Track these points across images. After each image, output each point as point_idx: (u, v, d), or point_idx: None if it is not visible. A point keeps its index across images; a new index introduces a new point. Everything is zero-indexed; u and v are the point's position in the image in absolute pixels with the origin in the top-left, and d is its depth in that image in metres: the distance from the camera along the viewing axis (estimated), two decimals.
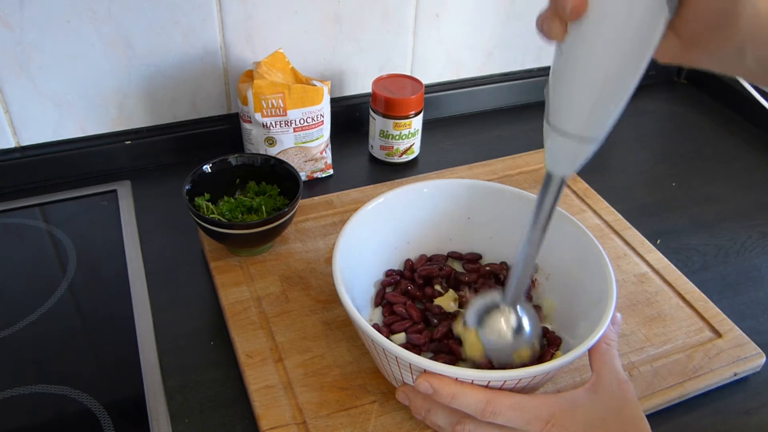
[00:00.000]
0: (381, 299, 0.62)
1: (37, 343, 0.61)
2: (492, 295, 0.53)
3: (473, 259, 0.66)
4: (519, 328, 0.51)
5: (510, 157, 0.87)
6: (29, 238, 0.72)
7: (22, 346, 0.61)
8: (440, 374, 0.47)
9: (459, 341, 0.55)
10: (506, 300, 0.51)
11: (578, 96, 0.38)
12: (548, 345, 0.58)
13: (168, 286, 0.67)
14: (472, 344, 0.52)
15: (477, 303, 0.53)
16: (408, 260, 0.65)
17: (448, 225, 0.66)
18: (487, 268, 0.64)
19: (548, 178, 0.44)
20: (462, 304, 0.61)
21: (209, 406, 0.57)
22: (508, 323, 0.51)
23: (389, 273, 0.64)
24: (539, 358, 0.56)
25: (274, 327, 0.62)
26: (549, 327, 0.60)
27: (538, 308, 0.61)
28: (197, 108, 0.84)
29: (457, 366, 0.47)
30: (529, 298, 0.61)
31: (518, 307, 0.51)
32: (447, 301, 0.61)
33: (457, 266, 0.67)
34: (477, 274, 0.64)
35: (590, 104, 0.38)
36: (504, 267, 0.64)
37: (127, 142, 0.82)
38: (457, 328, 0.54)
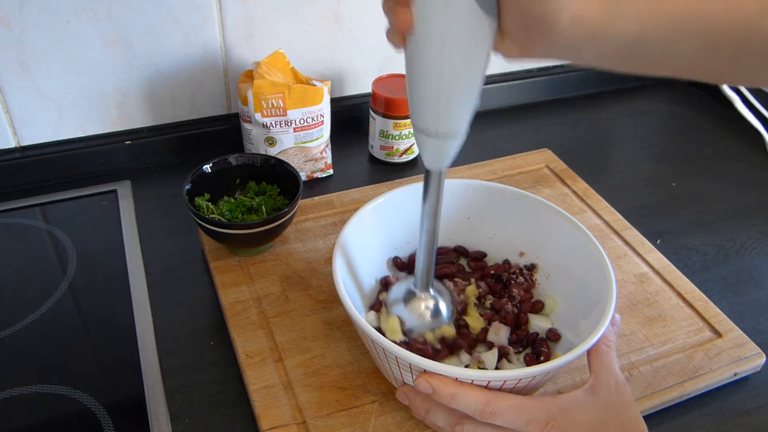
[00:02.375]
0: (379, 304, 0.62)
1: (37, 343, 0.61)
2: (406, 284, 0.57)
3: (478, 257, 0.66)
4: (436, 310, 0.56)
5: (510, 157, 0.87)
6: (29, 238, 0.72)
7: (22, 346, 0.61)
8: (440, 374, 0.47)
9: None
10: (419, 286, 0.56)
11: (424, 97, 0.42)
12: (547, 339, 0.58)
13: (168, 286, 0.67)
14: (393, 329, 0.56)
15: (395, 291, 0.58)
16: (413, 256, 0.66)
17: (448, 225, 0.66)
18: (492, 271, 0.64)
19: (427, 173, 0.49)
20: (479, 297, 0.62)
21: (209, 406, 0.57)
22: (426, 307, 0.56)
23: (396, 262, 0.64)
24: (539, 359, 0.56)
25: (274, 327, 0.62)
26: (552, 325, 0.60)
27: (539, 303, 0.61)
28: (197, 108, 0.84)
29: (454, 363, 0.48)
30: (530, 296, 0.61)
31: (431, 291, 0.56)
32: (475, 321, 0.61)
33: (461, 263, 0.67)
34: (481, 273, 0.64)
35: (436, 104, 0.42)
36: (506, 267, 0.64)
37: (127, 142, 0.82)
38: (380, 316, 0.58)
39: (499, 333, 0.58)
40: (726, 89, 0.99)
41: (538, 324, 0.60)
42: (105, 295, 0.66)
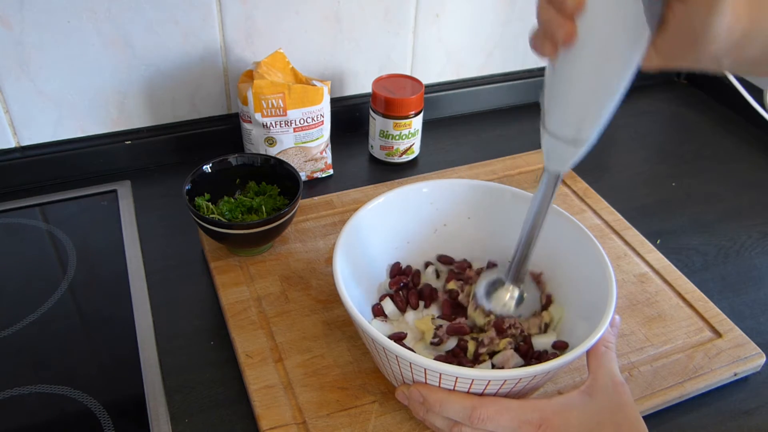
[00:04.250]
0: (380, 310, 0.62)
1: (37, 343, 0.61)
2: (496, 274, 0.58)
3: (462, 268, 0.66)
4: (520, 301, 0.56)
5: (510, 157, 0.87)
6: (29, 238, 0.72)
7: (22, 346, 0.61)
8: (428, 384, 0.49)
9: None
10: (509, 279, 0.56)
11: (570, 106, 0.43)
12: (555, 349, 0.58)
13: (168, 286, 0.67)
14: (427, 328, 0.58)
15: (483, 282, 0.58)
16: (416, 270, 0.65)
17: (448, 225, 0.66)
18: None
19: (546, 174, 0.49)
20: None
21: (209, 406, 0.57)
22: (512, 297, 0.56)
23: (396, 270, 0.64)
24: (539, 359, 0.56)
25: (274, 327, 0.62)
26: (556, 338, 0.59)
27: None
28: (197, 108, 0.84)
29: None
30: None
31: (520, 285, 0.56)
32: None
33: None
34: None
35: (581, 114, 0.43)
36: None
37: (127, 142, 0.82)
38: (469, 308, 0.59)
39: (509, 362, 0.56)
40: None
41: (541, 342, 0.58)
42: (105, 295, 0.66)
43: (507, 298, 0.56)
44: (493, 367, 0.55)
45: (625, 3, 0.36)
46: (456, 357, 0.57)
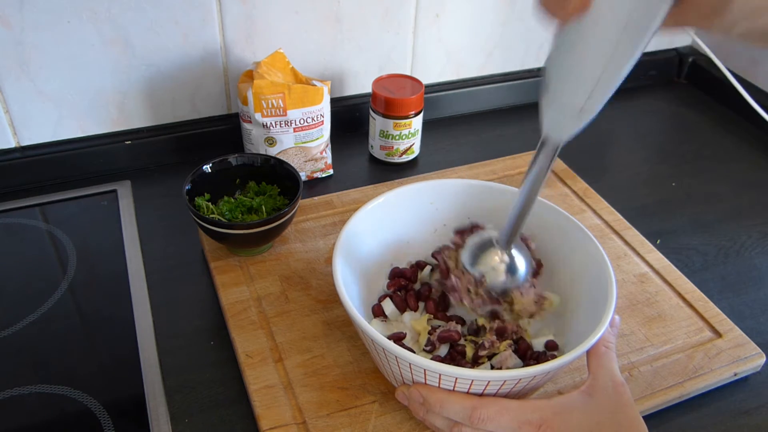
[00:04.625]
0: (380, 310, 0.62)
1: (37, 343, 0.61)
2: (487, 234, 0.56)
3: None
4: (512, 267, 0.55)
5: (510, 157, 0.87)
6: (29, 238, 0.72)
7: (22, 346, 0.61)
8: (428, 385, 0.49)
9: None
10: (501, 243, 0.55)
11: (582, 75, 0.41)
12: (546, 349, 0.58)
13: (168, 286, 0.67)
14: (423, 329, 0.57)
15: (472, 241, 0.56)
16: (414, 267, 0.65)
17: (448, 225, 0.66)
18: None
19: (546, 141, 0.47)
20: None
21: (209, 406, 0.57)
22: (502, 261, 0.55)
23: (395, 274, 0.64)
24: (538, 360, 0.56)
25: (274, 327, 0.62)
26: (551, 336, 0.59)
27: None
28: (197, 108, 0.84)
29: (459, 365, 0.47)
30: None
31: (512, 249, 0.55)
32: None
33: None
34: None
35: (593, 82, 0.41)
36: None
37: (127, 142, 0.82)
38: (453, 270, 0.57)
39: (507, 362, 0.56)
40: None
41: (539, 341, 0.59)
42: (105, 295, 0.66)
43: (497, 261, 0.54)
44: (492, 367, 0.55)
45: None
46: (453, 360, 0.56)
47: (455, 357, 0.56)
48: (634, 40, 0.38)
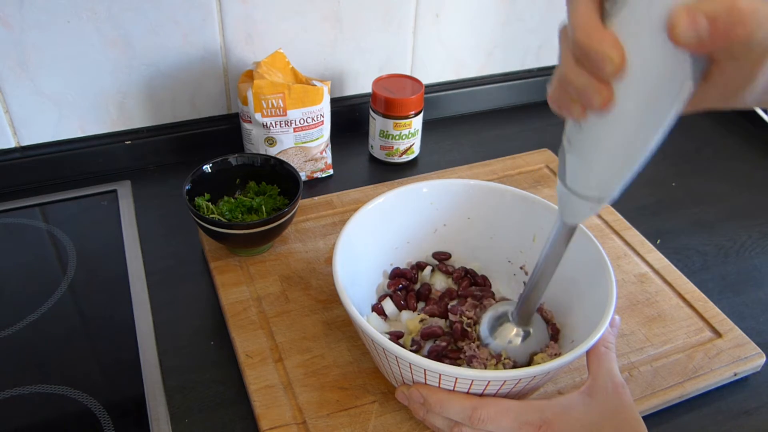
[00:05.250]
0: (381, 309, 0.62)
1: (37, 343, 0.61)
2: (504, 308, 0.56)
3: (482, 282, 0.65)
4: (527, 337, 0.54)
5: (510, 157, 0.87)
6: (29, 238, 0.72)
7: (22, 346, 0.61)
8: (429, 385, 0.49)
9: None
10: (514, 319, 0.54)
11: (600, 168, 0.39)
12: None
13: (168, 286, 0.67)
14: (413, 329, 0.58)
15: (488, 316, 0.56)
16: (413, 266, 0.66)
17: (448, 225, 0.66)
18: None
19: (562, 226, 0.46)
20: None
21: (209, 406, 0.57)
22: (517, 334, 0.54)
23: (396, 274, 0.64)
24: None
25: (274, 327, 0.62)
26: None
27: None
28: (197, 108, 0.84)
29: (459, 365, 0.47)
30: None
31: (529, 326, 0.55)
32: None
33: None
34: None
35: (610, 175, 0.40)
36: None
37: (127, 142, 0.82)
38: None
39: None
40: None
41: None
42: (105, 295, 0.66)
43: (512, 334, 0.54)
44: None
45: (671, 64, 0.32)
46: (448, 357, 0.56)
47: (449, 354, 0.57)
48: (654, 131, 0.37)
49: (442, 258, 0.66)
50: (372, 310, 0.61)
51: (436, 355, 0.56)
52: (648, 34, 0.31)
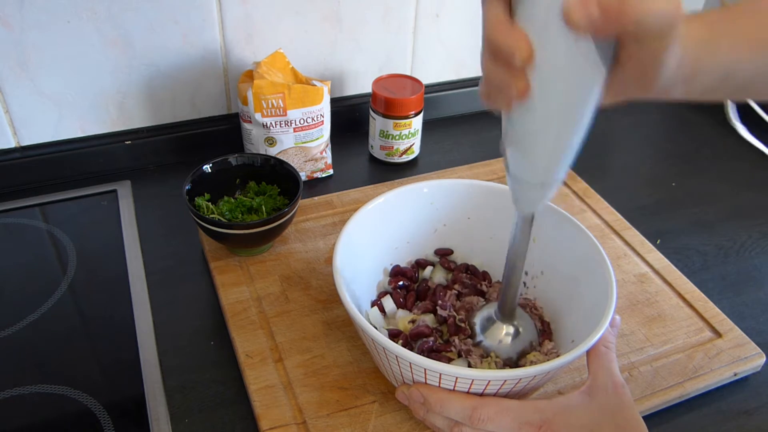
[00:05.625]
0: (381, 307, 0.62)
1: (37, 343, 0.61)
2: (488, 311, 0.57)
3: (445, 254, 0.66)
4: (516, 334, 0.56)
5: None
6: (29, 238, 0.72)
7: (22, 346, 0.61)
8: (429, 384, 0.49)
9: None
10: (499, 317, 0.56)
11: (536, 153, 0.43)
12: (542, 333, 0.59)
13: (168, 286, 0.67)
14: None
15: (478, 319, 0.57)
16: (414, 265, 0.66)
17: (448, 225, 0.66)
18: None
19: (519, 217, 0.49)
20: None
21: (209, 406, 0.57)
22: (507, 333, 0.56)
23: (396, 271, 0.64)
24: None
25: (274, 327, 0.62)
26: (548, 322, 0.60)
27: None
28: (197, 108, 0.84)
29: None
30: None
31: (513, 321, 0.56)
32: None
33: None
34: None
35: (548, 158, 0.42)
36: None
37: (127, 142, 0.82)
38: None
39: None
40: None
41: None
42: (105, 295, 0.66)
43: (502, 334, 0.55)
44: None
45: (577, 51, 0.35)
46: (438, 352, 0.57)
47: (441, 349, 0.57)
48: (578, 114, 0.39)
49: (443, 254, 0.66)
50: (372, 306, 0.62)
51: (424, 353, 0.56)
52: (550, 24, 0.34)
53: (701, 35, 0.38)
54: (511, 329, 0.56)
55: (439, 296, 0.61)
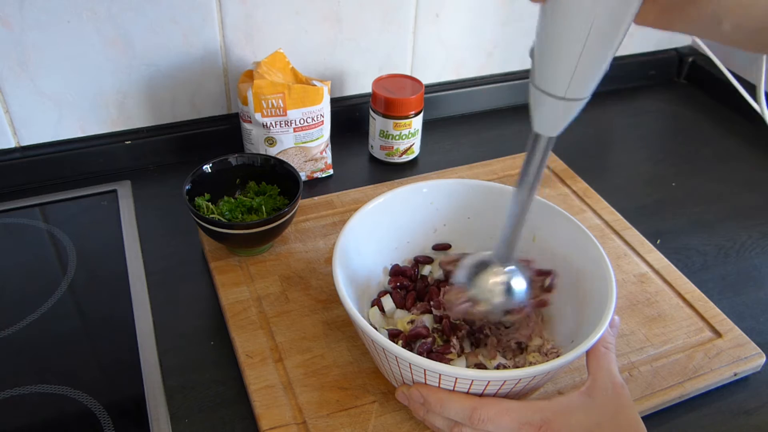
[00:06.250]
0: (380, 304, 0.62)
1: (37, 343, 0.61)
2: (482, 255, 0.53)
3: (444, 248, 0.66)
4: (509, 289, 0.52)
5: (510, 157, 0.87)
6: (29, 238, 0.72)
7: (22, 346, 0.61)
8: (429, 385, 0.48)
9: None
10: (496, 257, 0.52)
11: (564, 58, 0.39)
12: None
13: (168, 286, 0.67)
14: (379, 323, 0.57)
15: (467, 261, 0.54)
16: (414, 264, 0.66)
17: (448, 225, 0.66)
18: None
19: (536, 138, 0.45)
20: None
21: (209, 406, 0.57)
22: (498, 283, 0.52)
23: (396, 271, 0.64)
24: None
25: (274, 327, 0.62)
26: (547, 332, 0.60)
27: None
28: (197, 108, 0.84)
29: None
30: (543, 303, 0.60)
31: (510, 266, 0.52)
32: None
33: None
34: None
35: (574, 67, 0.39)
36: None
37: (127, 142, 0.82)
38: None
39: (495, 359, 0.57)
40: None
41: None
42: (105, 295, 0.66)
43: (491, 282, 0.51)
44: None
45: None
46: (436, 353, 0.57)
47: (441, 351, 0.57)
48: (612, 23, 0.37)
49: (442, 249, 0.66)
50: (372, 306, 0.62)
51: (423, 354, 0.55)
52: None
53: None
54: (504, 278, 0.52)
55: (434, 296, 0.61)
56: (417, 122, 0.84)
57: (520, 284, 0.53)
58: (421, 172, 0.86)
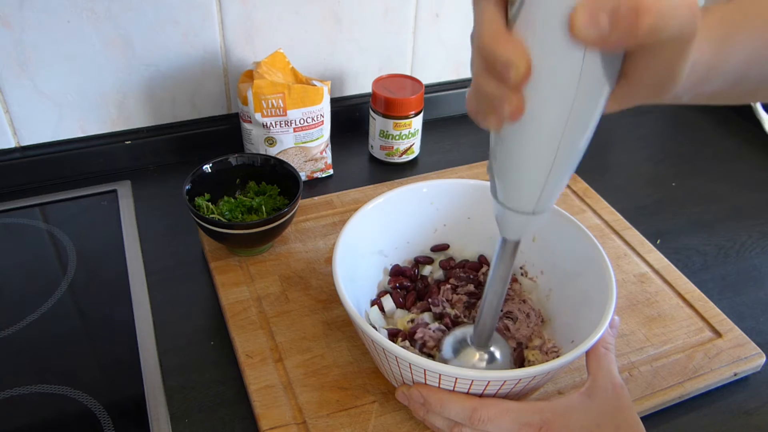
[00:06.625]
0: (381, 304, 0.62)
1: (37, 343, 0.61)
2: (462, 332, 0.55)
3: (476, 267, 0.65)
4: (492, 359, 0.53)
5: None
6: (29, 238, 0.72)
7: (22, 346, 0.61)
8: (429, 385, 0.49)
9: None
10: (475, 342, 0.53)
11: (528, 180, 0.38)
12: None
13: (168, 286, 0.67)
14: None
15: (447, 342, 0.55)
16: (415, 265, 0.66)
17: (448, 225, 0.66)
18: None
19: (503, 242, 0.45)
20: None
21: (209, 406, 0.57)
22: (481, 359, 0.53)
23: (396, 271, 0.64)
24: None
25: (274, 327, 0.62)
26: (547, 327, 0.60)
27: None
28: (197, 108, 0.84)
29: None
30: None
31: (489, 348, 0.53)
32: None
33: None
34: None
35: (541, 186, 0.37)
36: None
37: (127, 142, 0.82)
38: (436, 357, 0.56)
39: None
40: None
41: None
42: (105, 295, 0.66)
43: (476, 359, 0.53)
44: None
45: (581, 66, 0.31)
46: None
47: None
48: (577, 137, 0.35)
49: (441, 249, 0.66)
50: (371, 306, 0.62)
51: (411, 336, 0.56)
52: (551, 35, 0.30)
53: (713, 34, 0.34)
54: (486, 355, 0.53)
55: (433, 294, 0.61)
56: (417, 122, 0.84)
57: (500, 354, 0.54)
58: (421, 172, 0.86)
